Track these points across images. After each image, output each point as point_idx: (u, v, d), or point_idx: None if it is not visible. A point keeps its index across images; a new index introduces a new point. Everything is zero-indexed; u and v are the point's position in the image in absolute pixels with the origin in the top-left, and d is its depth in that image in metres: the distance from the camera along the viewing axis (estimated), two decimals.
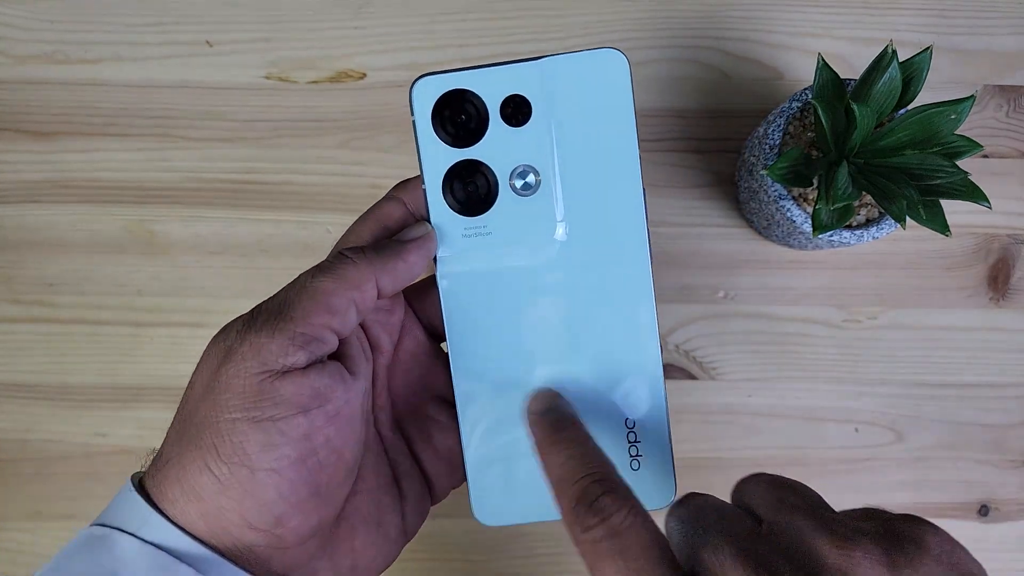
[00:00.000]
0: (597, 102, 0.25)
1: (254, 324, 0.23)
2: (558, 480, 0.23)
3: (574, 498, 0.22)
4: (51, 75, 0.45)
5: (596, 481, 0.22)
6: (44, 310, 0.45)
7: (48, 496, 0.45)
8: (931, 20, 0.46)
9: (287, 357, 0.23)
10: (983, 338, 0.46)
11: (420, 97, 0.25)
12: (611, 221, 0.26)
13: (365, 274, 0.25)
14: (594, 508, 0.21)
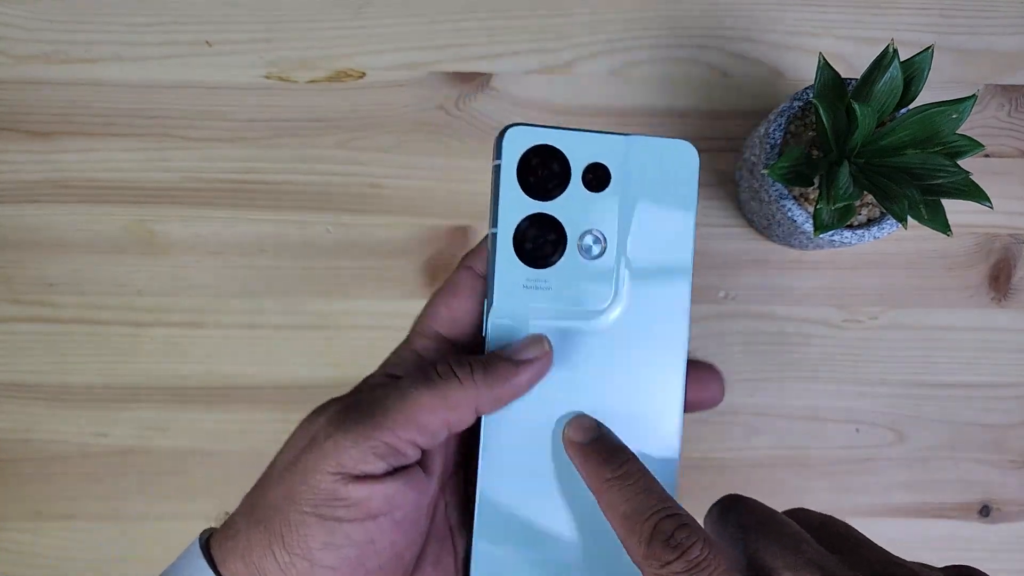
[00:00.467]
0: (667, 189, 0.27)
1: (343, 423, 0.23)
2: (626, 516, 0.23)
3: (648, 535, 0.22)
4: (51, 75, 0.45)
5: (668, 516, 0.22)
6: (44, 310, 0.45)
7: (48, 496, 0.45)
8: (932, 20, 0.46)
9: (365, 464, 0.23)
10: (984, 338, 0.46)
11: (510, 145, 0.25)
12: (657, 308, 0.27)
13: (468, 398, 0.24)
14: (671, 543, 0.21)
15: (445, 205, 0.45)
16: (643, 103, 0.46)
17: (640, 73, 0.46)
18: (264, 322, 0.45)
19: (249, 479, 0.45)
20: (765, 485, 0.45)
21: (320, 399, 0.45)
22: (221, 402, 0.45)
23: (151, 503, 0.45)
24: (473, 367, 0.24)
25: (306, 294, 0.45)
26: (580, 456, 0.25)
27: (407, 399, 0.23)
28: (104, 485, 0.45)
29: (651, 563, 0.21)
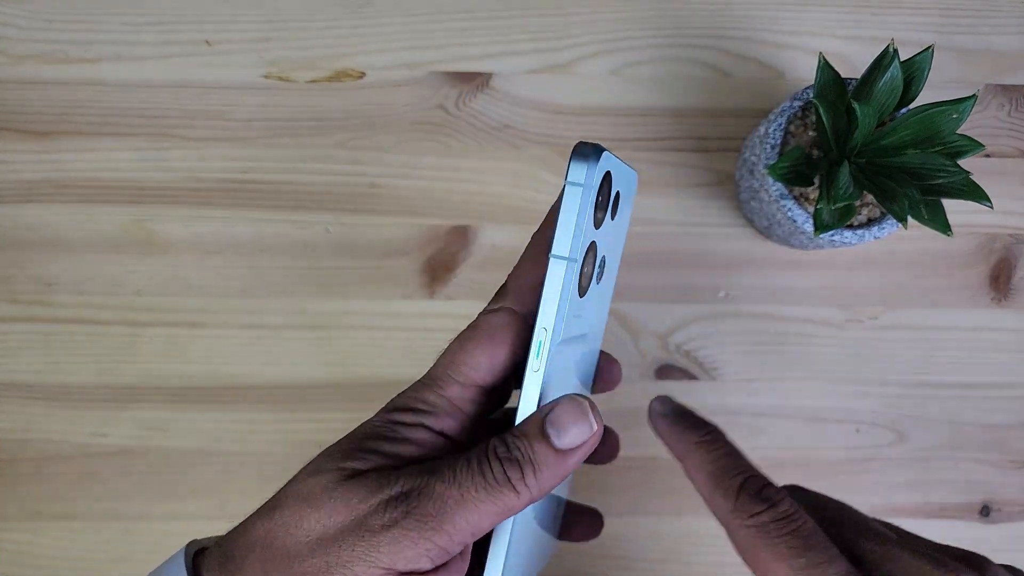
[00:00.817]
0: (626, 210, 0.27)
1: (404, 519, 0.22)
2: (713, 475, 0.25)
3: (736, 488, 0.24)
4: (49, 75, 0.45)
5: (754, 476, 0.24)
6: (42, 310, 0.45)
7: (47, 496, 0.45)
8: (933, 19, 0.46)
9: (418, 564, 0.22)
10: (985, 338, 0.46)
11: (596, 168, 0.23)
12: (600, 312, 0.28)
13: (522, 503, 0.23)
14: (761, 496, 0.23)
15: (445, 205, 0.45)
16: (643, 103, 0.46)
17: (640, 73, 0.46)
18: (263, 322, 0.45)
19: (248, 479, 0.45)
20: None
21: (320, 399, 0.45)
22: (221, 402, 0.45)
23: (150, 503, 0.45)
24: (524, 470, 0.23)
25: (305, 294, 0.45)
26: (667, 426, 0.27)
27: (467, 506, 0.22)
28: (103, 485, 0.45)
29: (740, 515, 0.23)
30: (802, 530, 0.22)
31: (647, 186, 0.46)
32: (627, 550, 0.45)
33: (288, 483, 0.23)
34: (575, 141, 0.45)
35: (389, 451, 0.23)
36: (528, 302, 0.25)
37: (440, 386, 0.25)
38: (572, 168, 0.22)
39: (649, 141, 0.46)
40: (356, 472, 0.23)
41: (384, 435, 0.24)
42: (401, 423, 0.24)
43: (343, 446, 0.24)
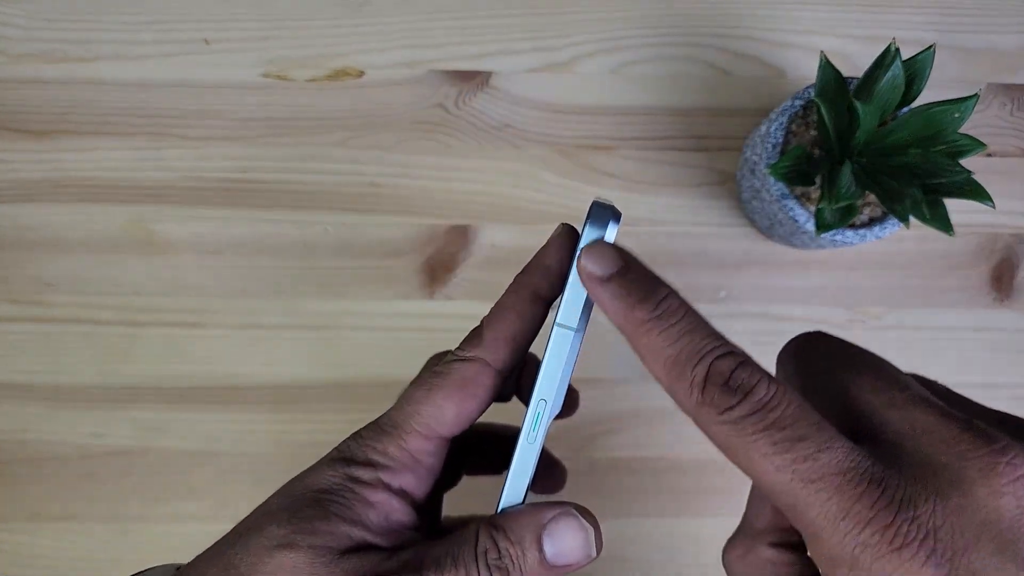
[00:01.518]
0: None
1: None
2: (670, 363, 0.19)
3: (701, 380, 0.19)
4: (48, 74, 0.45)
5: (723, 355, 0.19)
6: (41, 309, 0.45)
7: (45, 497, 0.45)
8: (934, 18, 0.46)
9: None
10: (987, 338, 0.45)
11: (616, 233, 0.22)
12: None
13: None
14: (730, 386, 0.19)
15: (444, 204, 0.45)
16: (643, 102, 0.45)
17: (640, 72, 0.46)
18: (262, 322, 0.45)
19: (247, 480, 0.45)
20: None
21: (319, 400, 0.45)
22: (219, 402, 0.45)
23: (149, 504, 0.45)
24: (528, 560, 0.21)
25: (305, 294, 0.45)
26: (605, 294, 0.21)
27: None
28: (102, 486, 0.45)
29: (708, 412, 0.19)
30: (784, 419, 0.18)
31: (648, 186, 0.45)
32: (627, 550, 0.45)
33: (242, 544, 0.22)
34: (574, 140, 0.45)
35: (349, 517, 0.22)
36: (504, 355, 0.23)
37: (401, 436, 0.23)
38: (591, 232, 0.21)
39: (649, 140, 0.46)
40: (326, 551, 0.21)
41: (342, 496, 0.22)
42: (359, 481, 0.22)
43: (297, 505, 0.22)
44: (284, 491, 0.23)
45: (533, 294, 0.23)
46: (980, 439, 0.17)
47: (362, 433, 0.23)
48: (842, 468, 0.17)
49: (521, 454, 0.22)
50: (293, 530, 0.21)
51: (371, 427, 0.23)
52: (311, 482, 0.23)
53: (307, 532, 0.21)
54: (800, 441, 0.18)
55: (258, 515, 0.23)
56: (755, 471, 0.18)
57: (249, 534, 0.22)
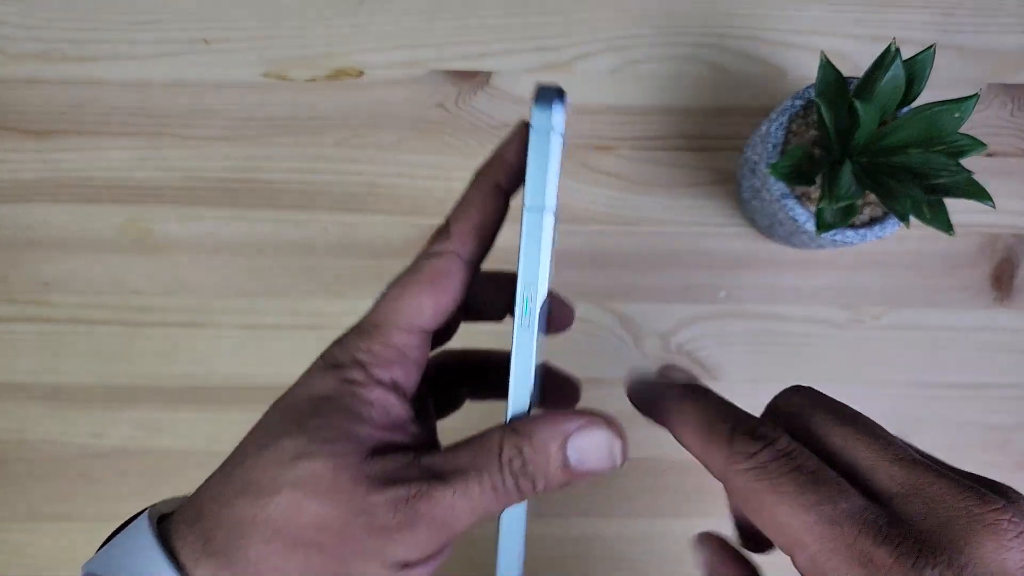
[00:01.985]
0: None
1: (414, 523, 0.21)
2: (702, 426, 0.22)
3: (729, 433, 0.21)
4: (47, 74, 0.45)
5: (747, 418, 0.22)
6: (40, 309, 0.45)
7: (44, 497, 0.44)
8: (935, 18, 0.46)
9: (424, 554, 0.22)
10: (987, 338, 0.45)
11: (562, 111, 0.22)
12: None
13: (525, 501, 0.22)
14: (756, 435, 0.21)
15: (444, 204, 0.45)
16: (644, 101, 0.45)
17: (641, 71, 0.46)
18: (262, 322, 0.45)
19: None
20: None
21: None
22: (219, 402, 0.45)
23: (147, 504, 0.45)
24: (536, 484, 0.22)
25: (304, 294, 0.45)
26: (646, 389, 0.24)
27: (476, 512, 0.21)
28: (100, 486, 0.45)
29: (736, 459, 0.20)
30: (805, 466, 0.20)
31: (648, 185, 0.45)
32: (627, 551, 0.45)
33: (254, 460, 0.22)
34: (575, 140, 0.45)
35: (357, 418, 0.22)
36: (472, 246, 0.24)
37: (383, 334, 0.23)
38: (539, 112, 0.21)
39: (650, 140, 0.45)
40: (346, 457, 0.21)
41: (343, 399, 0.22)
42: (354, 382, 0.23)
43: (302, 416, 0.22)
44: (279, 407, 0.24)
45: (495, 187, 0.24)
46: (982, 498, 0.19)
47: (343, 339, 0.24)
48: (863, 516, 0.19)
49: (519, 344, 0.22)
50: (308, 439, 0.22)
51: (352, 332, 0.24)
52: (306, 393, 0.23)
53: (323, 440, 0.21)
54: (823, 485, 0.19)
55: (260, 432, 0.23)
56: (776, 513, 0.19)
57: (260, 451, 0.22)
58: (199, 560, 0.21)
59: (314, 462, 0.21)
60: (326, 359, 0.24)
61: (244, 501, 0.22)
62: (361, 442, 0.22)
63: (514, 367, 0.22)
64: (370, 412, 0.22)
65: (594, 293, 0.45)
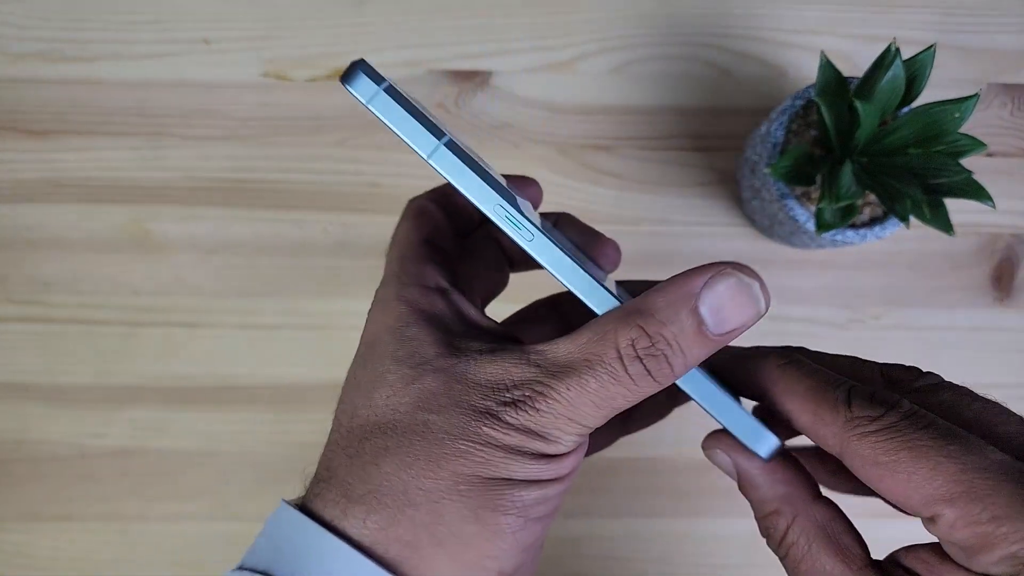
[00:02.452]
0: None
1: (533, 438, 0.20)
2: (811, 391, 0.20)
3: (846, 399, 0.20)
4: (46, 73, 0.45)
5: (857, 384, 0.20)
6: (39, 309, 0.45)
7: (43, 497, 0.44)
8: (935, 18, 0.46)
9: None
10: (987, 338, 0.45)
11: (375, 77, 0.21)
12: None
13: (665, 386, 0.20)
14: (876, 399, 0.19)
15: None
16: (644, 101, 0.45)
17: (641, 71, 0.46)
18: (261, 322, 0.45)
19: (246, 480, 0.45)
20: None
21: (318, 400, 0.45)
22: (218, 403, 0.45)
23: (147, 504, 0.45)
24: (672, 363, 0.19)
25: (304, 294, 0.45)
26: (726, 369, 0.23)
27: (603, 409, 0.20)
28: (100, 486, 0.45)
29: (860, 424, 0.19)
30: (938, 423, 0.18)
31: (648, 185, 0.45)
32: (627, 551, 0.45)
33: (369, 403, 0.21)
34: (575, 140, 0.45)
35: (440, 325, 0.22)
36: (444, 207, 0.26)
37: (404, 251, 0.25)
38: (356, 86, 0.19)
39: (650, 140, 0.45)
40: (449, 370, 0.20)
41: (422, 317, 0.22)
42: (411, 300, 0.23)
43: (392, 346, 0.22)
44: (363, 354, 0.23)
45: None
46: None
47: (384, 280, 0.25)
48: (1009, 465, 0.17)
49: (549, 259, 0.20)
50: (408, 366, 0.21)
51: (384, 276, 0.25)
52: (381, 327, 0.23)
53: (420, 360, 0.21)
54: (964, 439, 0.18)
55: (355, 387, 0.23)
56: (916, 471, 0.18)
57: (369, 397, 0.22)
58: (347, 510, 0.20)
59: (423, 382, 0.20)
60: (381, 292, 0.24)
61: (371, 444, 0.21)
62: (456, 348, 0.21)
63: (569, 279, 0.20)
64: (444, 317, 0.22)
65: None
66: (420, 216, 0.25)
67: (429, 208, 0.25)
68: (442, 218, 0.25)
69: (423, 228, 0.25)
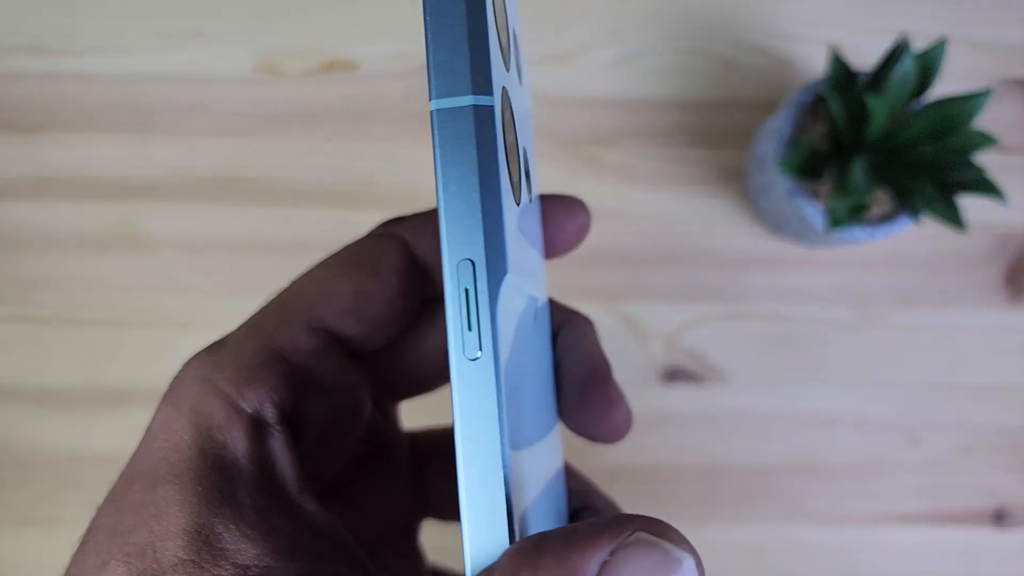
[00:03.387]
0: (524, 78, 0.19)
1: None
2: None
3: None
4: (34, 67, 0.44)
5: None
6: (25, 309, 0.44)
7: (29, 501, 0.44)
8: (946, 11, 0.45)
9: None
10: (1000, 339, 0.45)
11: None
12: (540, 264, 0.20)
13: None
14: None
15: None
16: (648, 94, 0.45)
17: (645, 64, 0.45)
18: None
19: None
20: (773, 489, 0.44)
21: None
22: None
23: None
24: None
25: None
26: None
27: None
28: (87, 490, 0.43)
29: None
30: None
31: (652, 181, 0.45)
32: None
33: None
34: (576, 134, 0.44)
35: (226, 500, 0.14)
36: (428, 247, 0.17)
37: (264, 328, 0.16)
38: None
39: (654, 135, 0.45)
40: None
41: (202, 475, 0.15)
42: (212, 427, 0.15)
43: (144, 516, 0.15)
44: (115, 501, 0.16)
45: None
46: None
47: (211, 347, 0.17)
48: None
49: (466, 392, 0.12)
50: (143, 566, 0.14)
51: (225, 339, 0.17)
52: (148, 463, 0.16)
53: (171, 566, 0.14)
54: None
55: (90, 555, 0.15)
56: None
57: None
58: None
59: None
60: (175, 389, 0.16)
61: None
62: (219, 556, 0.14)
63: (462, 450, 0.12)
64: (237, 477, 0.14)
65: (597, 293, 0.44)
66: (362, 265, 0.17)
67: (390, 253, 0.17)
68: (394, 275, 0.17)
69: (340, 292, 0.17)
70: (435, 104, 0.12)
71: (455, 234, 0.12)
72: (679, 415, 0.44)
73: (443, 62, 0.12)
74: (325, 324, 0.16)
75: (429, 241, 0.17)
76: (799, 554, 0.43)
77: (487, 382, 0.12)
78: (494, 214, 0.12)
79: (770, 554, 0.43)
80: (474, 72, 0.12)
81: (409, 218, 0.17)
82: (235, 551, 0.13)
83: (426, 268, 0.17)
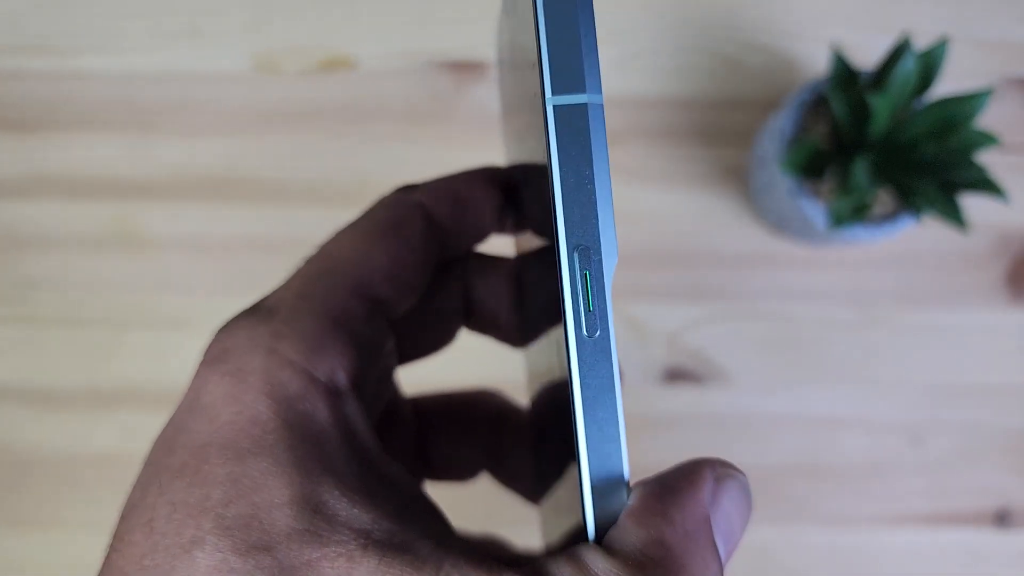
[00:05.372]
0: None
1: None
2: None
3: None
4: (32, 66, 0.44)
5: None
6: (24, 309, 0.44)
7: (29, 503, 0.44)
8: (948, 10, 0.45)
9: None
10: (1002, 339, 0.44)
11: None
12: None
13: None
14: None
15: None
16: (650, 93, 0.45)
17: (647, 62, 0.45)
18: None
19: None
20: (776, 489, 0.44)
21: None
22: None
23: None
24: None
25: None
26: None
27: None
28: (87, 491, 0.44)
29: None
30: None
31: (654, 180, 0.44)
32: None
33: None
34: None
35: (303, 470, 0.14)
36: (446, 213, 0.17)
37: (308, 293, 0.16)
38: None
39: (656, 133, 0.45)
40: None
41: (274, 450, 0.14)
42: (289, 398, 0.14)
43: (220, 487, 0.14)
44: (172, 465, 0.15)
45: (491, 179, 0.18)
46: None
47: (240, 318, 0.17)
48: None
49: (587, 370, 0.13)
50: (233, 544, 0.13)
51: (252, 310, 0.17)
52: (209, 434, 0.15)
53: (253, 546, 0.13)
54: None
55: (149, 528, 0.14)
56: None
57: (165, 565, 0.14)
58: None
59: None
60: (236, 351, 0.15)
61: None
62: (328, 523, 0.13)
63: (584, 418, 0.14)
64: (325, 447, 0.14)
65: None
66: (394, 232, 0.17)
67: (414, 220, 0.17)
68: (420, 241, 0.17)
69: (378, 259, 0.16)
70: (555, 100, 0.13)
71: (574, 222, 0.13)
72: (680, 416, 0.44)
73: (561, 60, 0.13)
74: (370, 291, 0.16)
75: (443, 208, 0.17)
76: (801, 554, 0.43)
77: (607, 357, 0.14)
78: (607, 204, 0.14)
79: (773, 555, 0.43)
80: (588, 72, 0.13)
81: (422, 185, 0.18)
82: (348, 517, 0.13)
83: (441, 234, 0.17)
